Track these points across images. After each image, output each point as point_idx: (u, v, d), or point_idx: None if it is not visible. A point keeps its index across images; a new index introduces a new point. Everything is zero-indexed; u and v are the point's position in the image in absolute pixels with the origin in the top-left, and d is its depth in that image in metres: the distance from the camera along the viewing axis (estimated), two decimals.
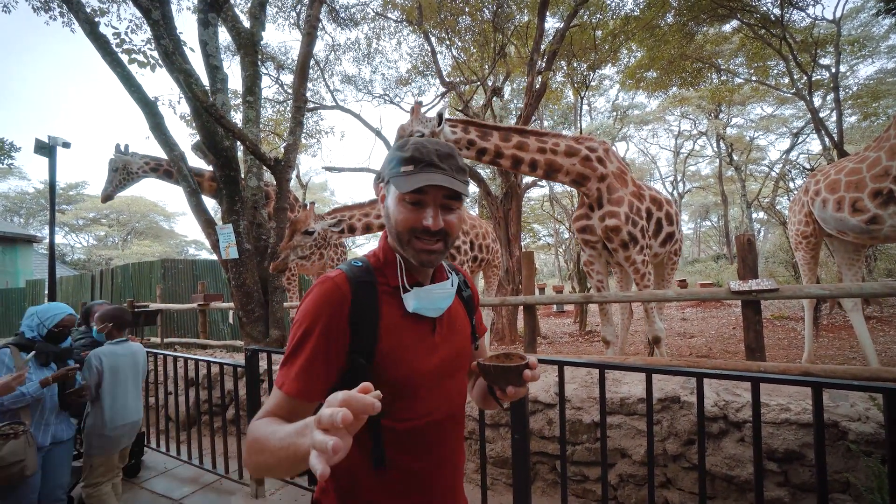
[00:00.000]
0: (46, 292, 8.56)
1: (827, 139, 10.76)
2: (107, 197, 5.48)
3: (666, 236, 4.27)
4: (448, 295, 0.97)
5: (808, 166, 14.61)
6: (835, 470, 2.07)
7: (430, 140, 0.91)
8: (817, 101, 14.24)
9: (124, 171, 5.50)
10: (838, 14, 10.28)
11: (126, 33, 5.17)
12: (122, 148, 5.57)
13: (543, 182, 19.27)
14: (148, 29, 4.53)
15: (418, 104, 3.55)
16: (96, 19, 4.92)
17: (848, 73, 15.50)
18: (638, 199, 3.93)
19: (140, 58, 5.14)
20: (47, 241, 5.39)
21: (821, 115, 12.31)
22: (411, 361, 0.89)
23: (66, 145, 7.05)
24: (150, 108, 4.89)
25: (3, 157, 13.48)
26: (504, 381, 0.87)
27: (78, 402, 2.64)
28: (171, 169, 5.58)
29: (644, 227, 3.89)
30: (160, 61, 4.79)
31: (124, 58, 4.92)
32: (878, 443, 2.00)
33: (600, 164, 3.77)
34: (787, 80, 12.56)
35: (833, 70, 10.71)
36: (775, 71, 13.22)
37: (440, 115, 3.45)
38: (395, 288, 0.92)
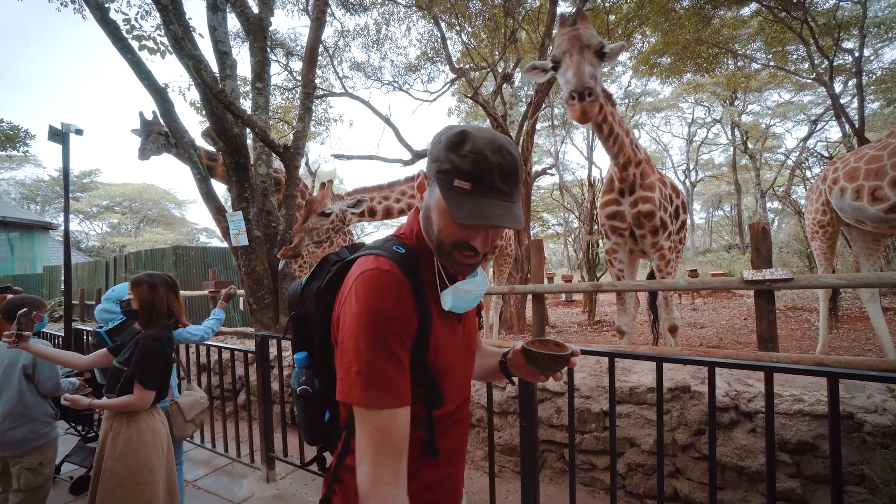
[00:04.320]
0: (63, 278, 8.73)
1: (847, 126, 10.47)
2: (146, 156, 5.48)
3: (681, 224, 4.21)
4: (480, 295, 0.93)
5: (826, 154, 14.22)
6: (849, 462, 2.05)
7: (493, 142, 0.75)
8: (838, 87, 13.78)
9: (166, 138, 5.54)
10: None
11: (136, 19, 5.17)
12: (151, 117, 5.57)
13: (553, 170, 19.07)
14: (157, 15, 4.51)
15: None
16: (106, 5, 4.90)
17: (872, 57, 14.96)
18: (663, 185, 3.85)
19: (150, 44, 5.13)
20: (63, 227, 5.48)
21: (841, 101, 11.93)
22: (448, 352, 0.89)
23: (79, 132, 7.09)
24: (160, 95, 4.89)
25: (18, 145, 13.70)
26: (552, 368, 0.96)
27: None
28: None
29: (671, 213, 3.82)
30: (170, 48, 4.78)
31: (134, 44, 4.91)
32: (895, 435, 1.97)
33: (636, 147, 3.65)
34: (806, 65, 12.20)
35: (857, 54, 10.37)
36: (795, 56, 12.82)
37: None
38: (431, 281, 0.88)
